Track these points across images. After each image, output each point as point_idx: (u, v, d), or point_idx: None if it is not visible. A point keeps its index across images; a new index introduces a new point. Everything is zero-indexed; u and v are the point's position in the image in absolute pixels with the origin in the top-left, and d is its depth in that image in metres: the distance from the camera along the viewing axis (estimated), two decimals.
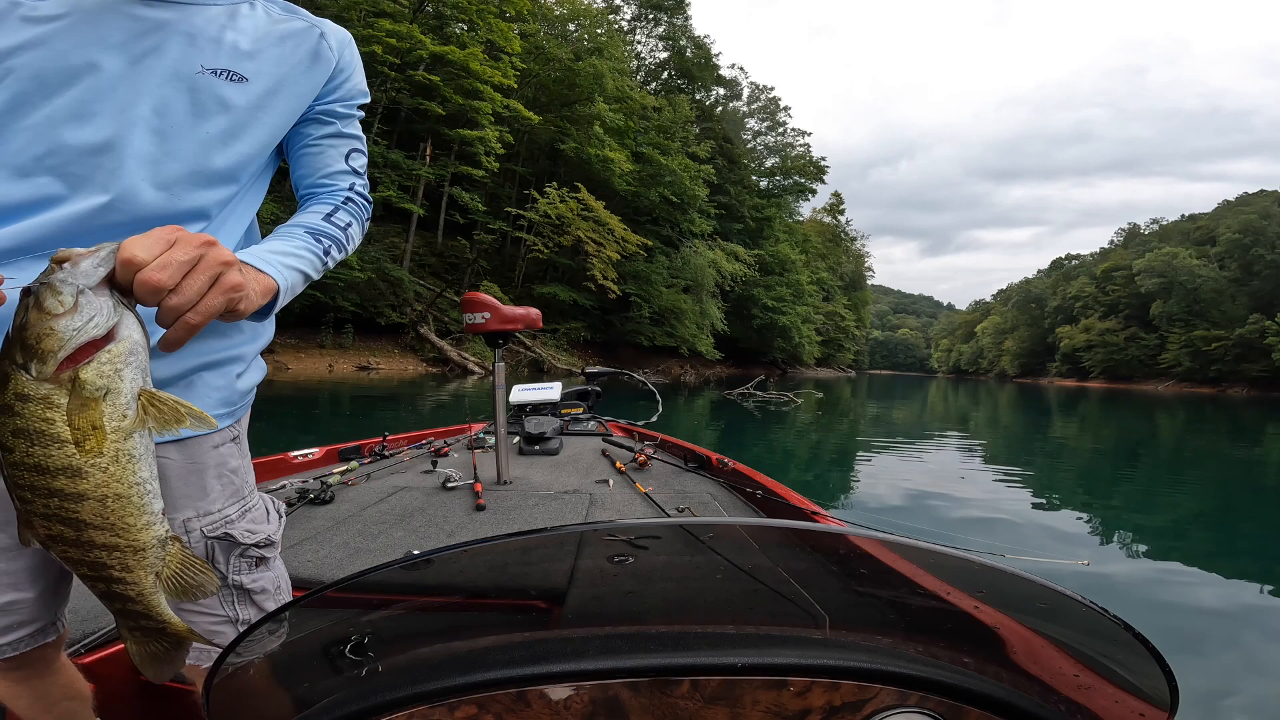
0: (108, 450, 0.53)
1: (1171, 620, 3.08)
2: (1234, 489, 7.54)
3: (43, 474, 0.52)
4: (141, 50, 0.78)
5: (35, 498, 0.53)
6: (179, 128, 0.79)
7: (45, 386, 0.50)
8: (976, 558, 0.61)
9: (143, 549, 0.57)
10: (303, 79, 0.90)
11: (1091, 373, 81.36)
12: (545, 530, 0.73)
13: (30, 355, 0.50)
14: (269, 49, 0.88)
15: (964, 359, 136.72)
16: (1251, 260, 65.95)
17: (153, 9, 0.80)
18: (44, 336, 0.50)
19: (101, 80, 0.75)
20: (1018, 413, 21.28)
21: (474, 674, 0.55)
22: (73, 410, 0.51)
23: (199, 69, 0.81)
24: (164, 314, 0.55)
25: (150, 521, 0.57)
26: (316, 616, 0.72)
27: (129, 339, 0.54)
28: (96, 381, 0.52)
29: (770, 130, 57.44)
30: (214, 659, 0.59)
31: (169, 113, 0.79)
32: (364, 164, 0.99)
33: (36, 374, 0.50)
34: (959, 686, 0.54)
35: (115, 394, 0.53)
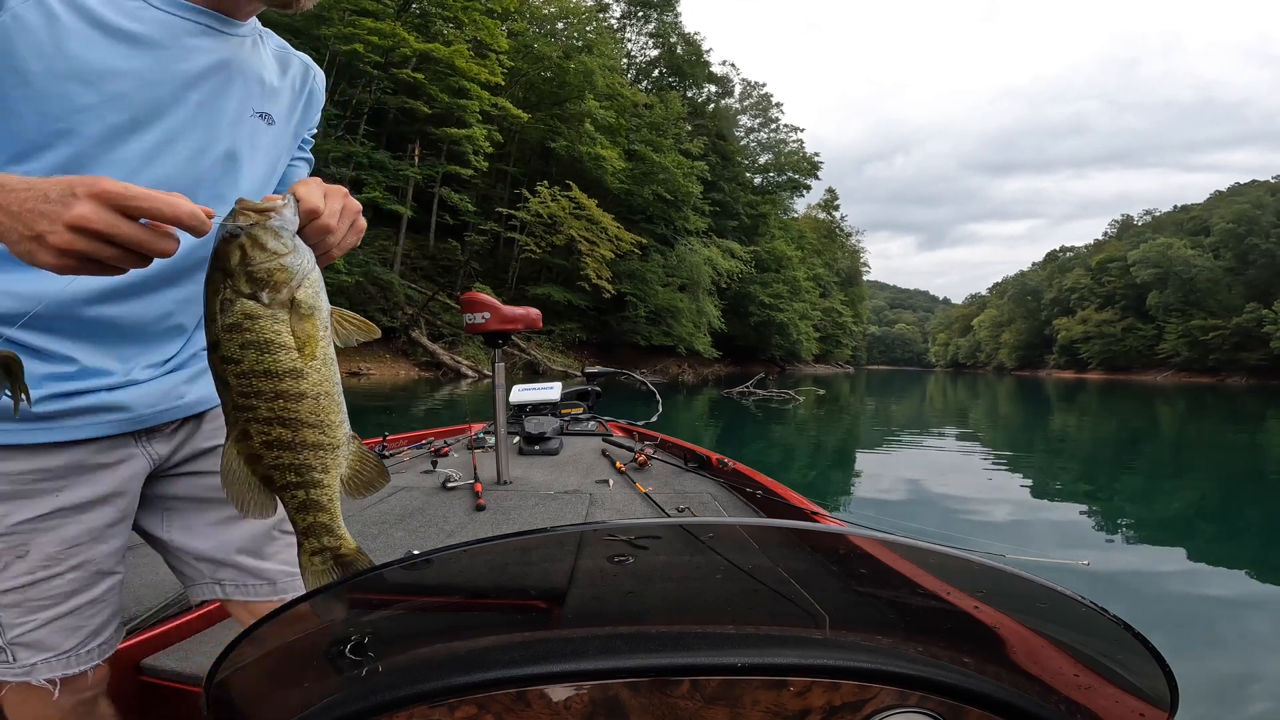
0: (319, 354, 0.66)
1: (1172, 619, 3.08)
2: (1236, 479, 7.55)
3: (271, 378, 0.63)
4: (212, 89, 0.86)
5: (260, 402, 0.63)
6: (233, 172, 0.89)
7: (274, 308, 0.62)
8: (977, 558, 0.62)
9: (339, 446, 0.68)
10: (302, 118, 1.01)
11: (1090, 364, 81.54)
12: (545, 530, 0.73)
13: (262, 286, 0.61)
14: (284, 90, 0.96)
15: (962, 353, 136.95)
16: (1247, 249, 66.14)
17: (215, 40, 0.86)
18: (276, 271, 0.62)
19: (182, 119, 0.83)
20: (1017, 406, 21.32)
21: (474, 674, 0.55)
22: (294, 324, 0.64)
23: (251, 112, 0.90)
24: (322, 250, 0.69)
25: (343, 420, 0.69)
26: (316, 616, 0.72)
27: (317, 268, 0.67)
28: (308, 301, 0.65)
29: (763, 127, 57.43)
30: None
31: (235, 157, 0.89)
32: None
33: (269, 300, 0.62)
34: (959, 686, 0.54)
35: (319, 310, 0.66)
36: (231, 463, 0.65)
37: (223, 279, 0.61)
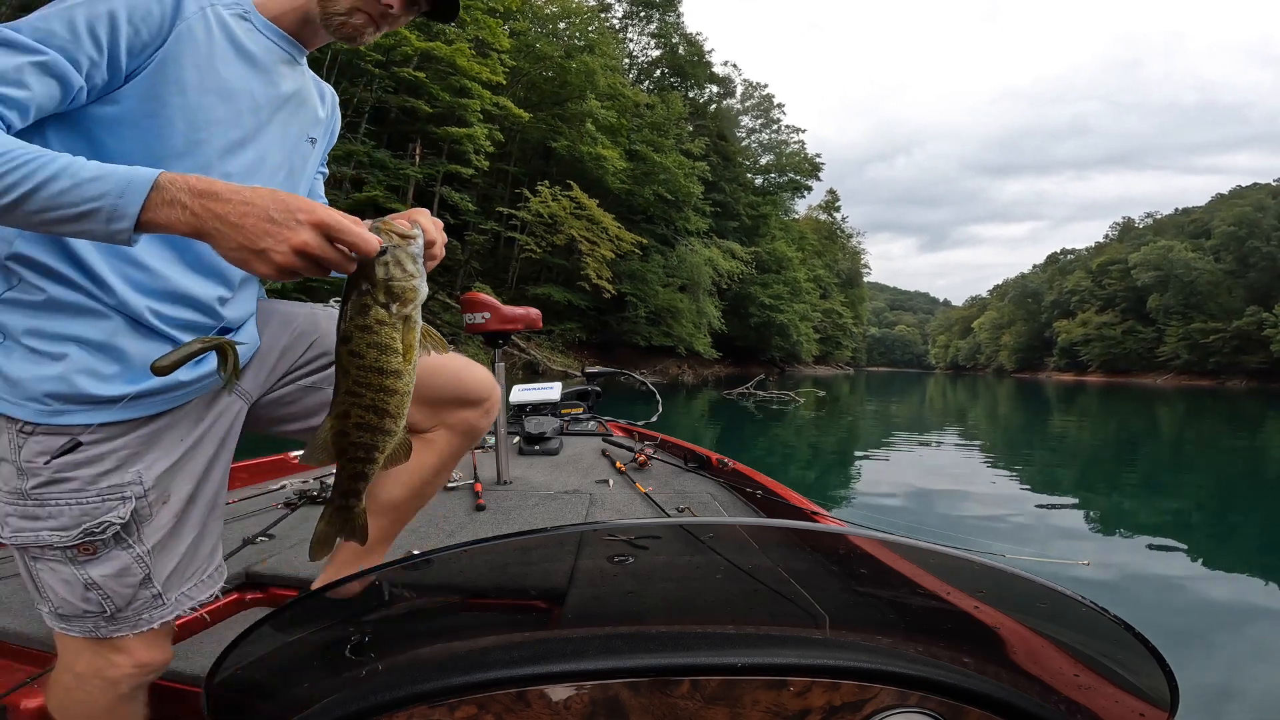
0: (411, 360, 0.78)
1: (1172, 618, 3.08)
2: (1236, 482, 7.54)
3: (381, 374, 0.76)
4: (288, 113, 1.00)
5: (368, 391, 0.76)
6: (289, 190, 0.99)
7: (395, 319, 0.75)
8: (976, 558, 0.62)
9: (396, 433, 0.81)
10: (329, 140, 1.16)
11: (1090, 366, 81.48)
12: (545, 530, 0.73)
13: (394, 299, 0.74)
14: (324, 117, 1.10)
15: (962, 354, 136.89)
16: (1247, 252, 66.09)
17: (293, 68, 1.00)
18: (407, 290, 0.75)
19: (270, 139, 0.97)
20: (1016, 408, 21.31)
21: (474, 674, 0.55)
22: (403, 333, 0.76)
23: (305, 136, 1.05)
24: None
25: (406, 414, 0.82)
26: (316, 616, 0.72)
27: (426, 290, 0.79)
28: (414, 316, 0.77)
29: (764, 127, 57.42)
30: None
31: (292, 176, 1.04)
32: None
33: (395, 312, 0.75)
34: (959, 686, 0.54)
35: (417, 324, 0.78)
36: (324, 432, 0.79)
37: (368, 287, 0.74)
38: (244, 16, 0.93)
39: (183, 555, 0.95)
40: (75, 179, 0.67)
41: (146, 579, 0.91)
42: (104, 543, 0.87)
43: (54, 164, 0.68)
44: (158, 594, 0.93)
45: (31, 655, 1.24)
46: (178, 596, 0.95)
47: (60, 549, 0.86)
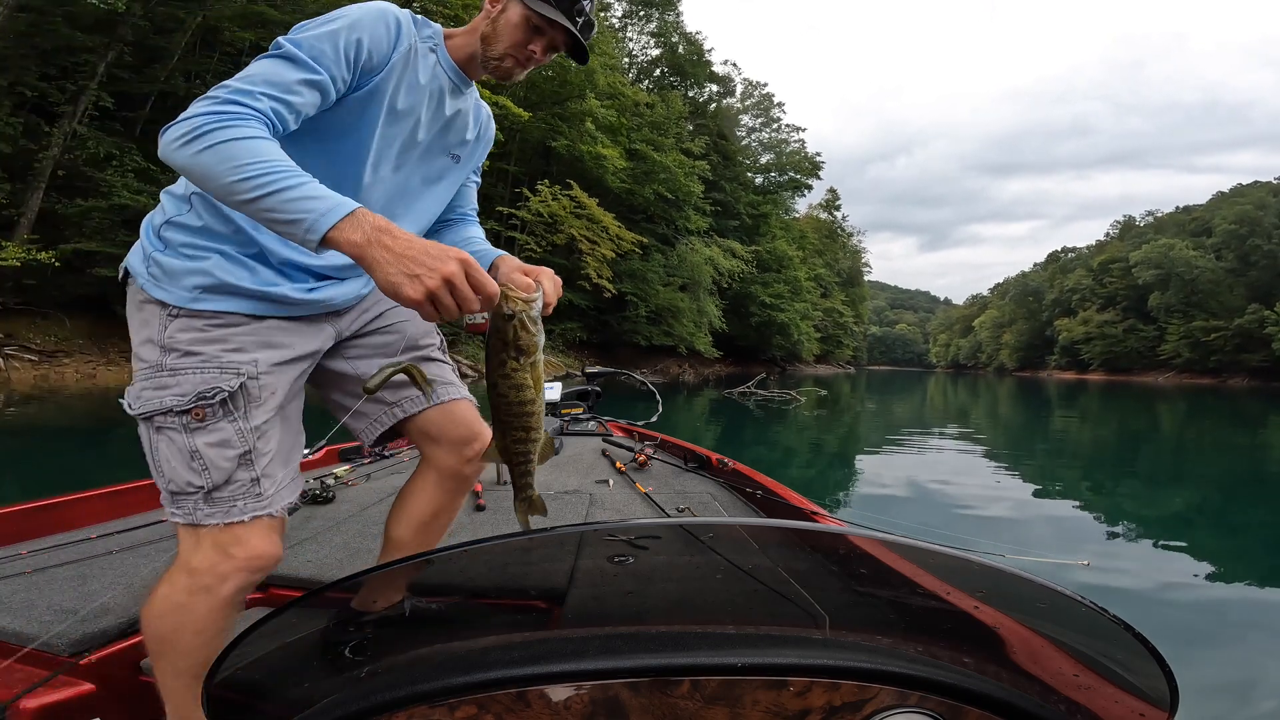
0: (540, 389, 1.00)
1: (1173, 619, 3.07)
2: (1237, 481, 7.53)
3: (521, 405, 0.98)
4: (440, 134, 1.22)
5: (514, 419, 0.99)
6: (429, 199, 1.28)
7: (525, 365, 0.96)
8: (976, 558, 0.61)
9: (540, 438, 1.04)
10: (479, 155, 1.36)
11: (1091, 365, 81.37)
12: (545, 531, 0.73)
13: (522, 353, 0.95)
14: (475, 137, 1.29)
15: (962, 353, 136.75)
16: (1248, 250, 66.00)
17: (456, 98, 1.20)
18: (531, 345, 0.96)
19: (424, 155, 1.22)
20: (1017, 406, 21.30)
21: (474, 674, 0.55)
22: (531, 374, 0.97)
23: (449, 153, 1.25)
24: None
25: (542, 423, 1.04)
26: (316, 616, 0.72)
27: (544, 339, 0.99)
28: (538, 357, 0.98)
29: (764, 126, 57.37)
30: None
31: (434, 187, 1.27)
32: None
33: (522, 362, 0.96)
34: (959, 686, 0.53)
35: (540, 364, 0.99)
36: (492, 449, 1.04)
37: (502, 346, 0.95)
38: (433, 50, 1.14)
39: (276, 452, 1.08)
40: (301, 194, 0.85)
41: (245, 458, 1.03)
42: (212, 410, 1.02)
43: (292, 177, 0.86)
44: (255, 479, 1.04)
45: (31, 655, 1.24)
46: (274, 492, 1.06)
47: (178, 414, 1.01)
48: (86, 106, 15.95)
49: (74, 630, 1.27)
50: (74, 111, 15.63)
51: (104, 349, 15.59)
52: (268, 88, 0.94)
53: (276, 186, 0.85)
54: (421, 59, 1.11)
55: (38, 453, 6.53)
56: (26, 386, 12.34)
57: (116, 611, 1.36)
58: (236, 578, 1.03)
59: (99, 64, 15.86)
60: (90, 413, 9.70)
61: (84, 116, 16.04)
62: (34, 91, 15.16)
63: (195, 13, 17.61)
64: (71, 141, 15.67)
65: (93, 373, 14.52)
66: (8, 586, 1.47)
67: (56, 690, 1.14)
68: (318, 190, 0.87)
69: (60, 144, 15.31)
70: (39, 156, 15.09)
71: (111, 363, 15.20)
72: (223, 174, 0.86)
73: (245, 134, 0.88)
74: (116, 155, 16.09)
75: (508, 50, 1.15)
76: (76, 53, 15.65)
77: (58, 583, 1.50)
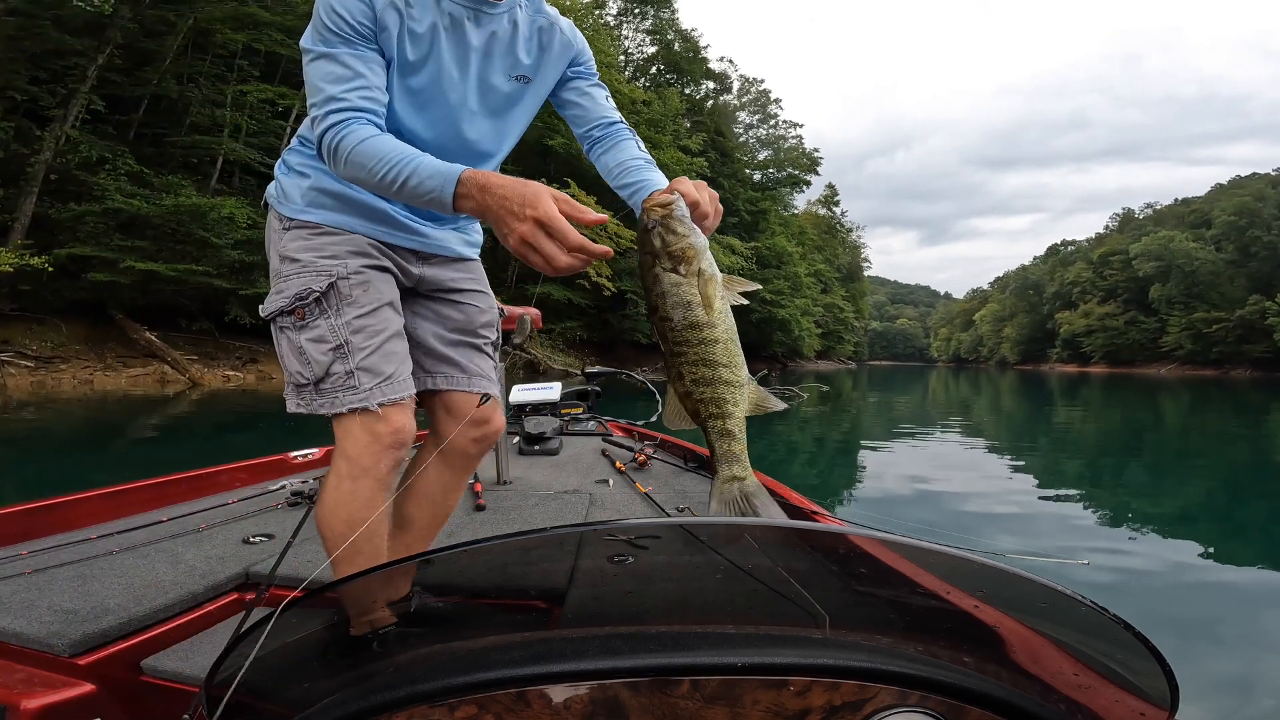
0: (720, 308, 0.85)
1: (1174, 617, 3.06)
2: (1240, 473, 7.51)
3: (694, 328, 0.84)
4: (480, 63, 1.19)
5: (689, 348, 0.84)
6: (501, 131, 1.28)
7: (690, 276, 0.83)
8: (976, 557, 0.61)
9: (742, 384, 0.86)
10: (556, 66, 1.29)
11: (1092, 357, 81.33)
12: (545, 530, 0.73)
13: (678, 261, 0.83)
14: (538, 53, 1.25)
15: (964, 347, 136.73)
16: (1248, 242, 65.90)
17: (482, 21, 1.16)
18: (686, 249, 0.84)
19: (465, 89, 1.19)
20: (1019, 400, 21.28)
21: (474, 674, 0.55)
22: (700, 287, 0.84)
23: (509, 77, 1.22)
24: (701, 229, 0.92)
25: (743, 361, 0.87)
26: (316, 616, 0.72)
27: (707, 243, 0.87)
28: (707, 270, 0.84)
29: (762, 123, 57.35)
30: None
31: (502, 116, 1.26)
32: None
33: (685, 272, 0.83)
34: (959, 686, 0.53)
35: (715, 274, 0.85)
36: (672, 400, 0.87)
37: (652, 260, 0.84)
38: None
39: (374, 349, 1.15)
40: (420, 176, 0.94)
41: (339, 351, 1.13)
42: (309, 309, 1.14)
43: (408, 164, 0.95)
44: (349, 371, 1.13)
45: (32, 655, 1.24)
46: (371, 386, 1.13)
47: (286, 314, 1.15)
48: (78, 110, 15.91)
49: (74, 630, 1.27)
50: (65, 115, 15.59)
51: (100, 354, 15.56)
52: (338, 85, 1.03)
53: (403, 177, 0.95)
54: (416, 3, 1.10)
55: (35, 459, 6.51)
56: (23, 393, 12.31)
57: (117, 612, 1.36)
58: (387, 457, 1.14)
59: (89, 67, 15.81)
60: (88, 419, 9.67)
61: (76, 120, 16.01)
62: (24, 95, 15.12)
63: (186, 15, 17.55)
64: (63, 145, 15.63)
65: (89, 378, 14.50)
66: (8, 587, 1.47)
67: (57, 690, 1.14)
68: (429, 168, 0.94)
69: (52, 148, 15.28)
70: (31, 161, 15.04)
71: (108, 368, 15.16)
72: (366, 179, 1.00)
73: (359, 138, 0.99)
74: (109, 159, 16.06)
75: None
76: (66, 56, 15.60)
77: (58, 583, 1.50)
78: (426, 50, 1.12)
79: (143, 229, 16.01)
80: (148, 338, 16.10)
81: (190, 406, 11.50)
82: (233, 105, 19.07)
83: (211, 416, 10.51)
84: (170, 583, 1.52)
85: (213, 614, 1.52)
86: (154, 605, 1.41)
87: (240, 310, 17.82)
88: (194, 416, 10.36)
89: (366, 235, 1.22)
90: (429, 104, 1.16)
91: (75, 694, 1.15)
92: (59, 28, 14.92)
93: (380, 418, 1.13)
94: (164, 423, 9.41)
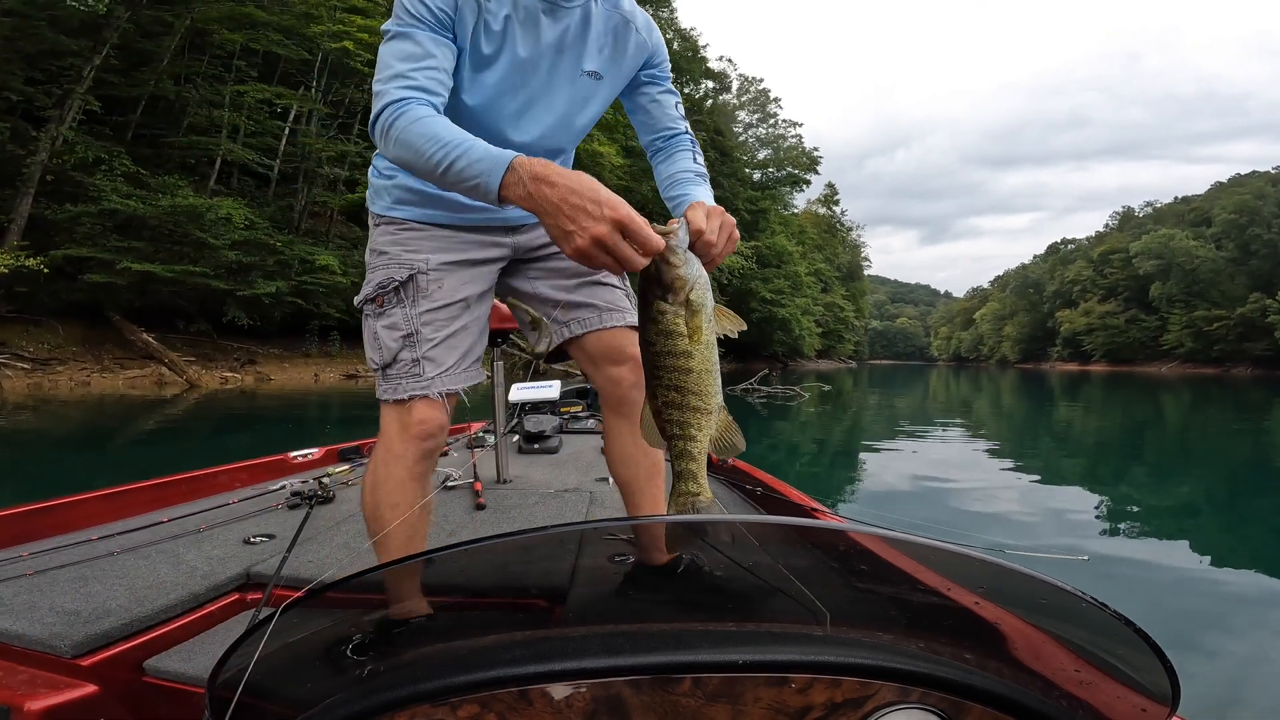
0: (704, 341, 0.85)
1: (1175, 612, 3.06)
2: (1241, 471, 7.50)
3: (673, 356, 0.85)
4: (551, 60, 1.19)
5: (664, 373, 0.85)
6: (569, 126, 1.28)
7: (676, 306, 0.84)
8: (977, 554, 0.61)
9: (711, 413, 0.87)
10: (632, 64, 1.29)
11: (1093, 356, 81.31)
12: (546, 529, 0.73)
13: (668, 290, 0.84)
14: (610, 47, 1.24)
15: (964, 346, 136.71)
16: (1249, 240, 65.87)
17: (554, 17, 1.16)
18: (675, 280, 0.84)
19: (539, 85, 1.20)
20: (1020, 399, 21.28)
21: (476, 673, 0.55)
22: (687, 317, 0.84)
23: (581, 73, 1.22)
24: (706, 260, 0.92)
25: (717, 392, 0.87)
26: (317, 616, 0.72)
27: (705, 276, 0.87)
28: (696, 301, 0.84)
29: (761, 122, 57.34)
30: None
31: (571, 113, 1.26)
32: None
33: (672, 301, 0.84)
34: (960, 683, 0.53)
35: (705, 306, 0.85)
36: (645, 412, 0.89)
37: (645, 285, 0.85)
38: None
39: (442, 341, 1.21)
40: (469, 160, 0.92)
41: (409, 339, 1.20)
42: (388, 298, 1.21)
43: (458, 147, 0.93)
44: (416, 359, 1.20)
45: (33, 657, 1.24)
46: (434, 375, 1.20)
47: (369, 301, 1.23)
48: (74, 111, 15.89)
49: (76, 631, 1.27)
50: (61, 116, 15.57)
51: (98, 356, 15.54)
52: (408, 63, 1.04)
53: (451, 159, 0.94)
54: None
55: (32, 462, 6.49)
56: (19, 395, 12.27)
57: (118, 613, 1.36)
58: (416, 447, 1.19)
59: (85, 68, 15.78)
60: (85, 421, 9.62)
61: (73, 121, 15.98)
62: (20, 96, 15.09)
63: (183, 16, 17.53)
64: (60, 146, 15.61)
65: (86, 380, 14.48)
66: (9, 588, 1.47)
67: (60, 692, 1.14)
68: (480, 152, 0.93)
69: (48, 148, 15.26)
70: (27, 162, 15.00)
71: (105, 370, 15.13)
72: (414, 159, 0.99)
73: (415, 117, 0.99)
74: (105, 159, 16.03)
75: None
76: (62, 56, 15.58)
77: (59, 584, 1.50)
78: (499, 44, 1.13)
79: (139, 230, 16.01)
80: (145, 339, 16.09)
81: (187, 408, 11.49)
82: (231, 105, 19.08)
83: (209, 418, 10.49)
84: (171, 583, 1.52)
85: (214, 614, 1.52)
86: (155, 606, 1.41)
87: (238, 311, 17.82)
88: (191, 418, 10.35)
89: (449, 225, 1.28)
90: (500, 97, 1.17)
91: (78, 695, 1.15)
92: (54, 28, 14.89)
93: (409, 409, 1.20)
94: (161, 424, 9.41)
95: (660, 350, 0.85)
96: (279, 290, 18.13)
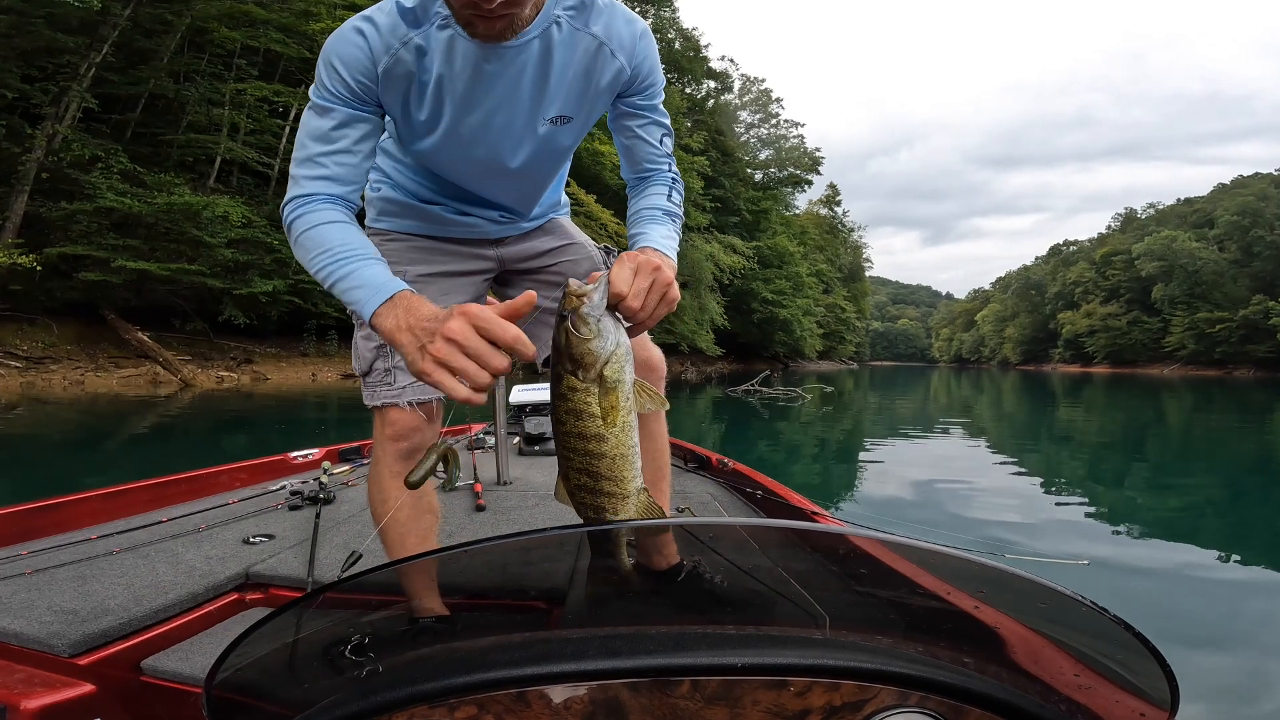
0: (619, 422, 0.76)
1: (1174, 617, 3.05)
2: (1243, 474, 7.49)
3: (583, 439, 0.76)
4: (505, 110, 1.08)
5: (574, 456, 0.77)
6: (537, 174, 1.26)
7: (587, 382, 0.74)
8: (976, 558, 0.61)
9: (627, 496, 0.78)
10: (607, 99, 1.15)
11: (1095, 358, 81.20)
12: (545, 531, 0.73)
13: (576, 365, 0.75)
14: (577, 83, 1.08)
15: (965, 348, 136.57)
16: (1251, 241, 65.78)
17: (501, 61, 1.01)
18: (585, 354, 0.74)
19: (491, 139, 1.12)
20: (1021, 401, 21.25)
21: (474, 674, 0.55)
22: (600, 396, 0.75)
23: (544, 120, 1.10)
24: (634, 325, 0.83)
25: (635, 475, 0.79)
26: (317, 617, 0.72)
27: (625, 345, 0.77)
28: (613, 376, 0.75)
29: (763, 122, 57.34)
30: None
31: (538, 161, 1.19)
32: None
33: (581, 377, 0.75)
34: (959, 686, 0.53)
35: (622, 384, 0.76)
36: (560, 488, 0.82)
37: (557, 357, 0.77)
38: (442, 27, 0.98)
39: None
40: (350, 284, 0.92)
41: (382, 349, 1.23)
42: None
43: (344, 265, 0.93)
44: (389, 369, 1.23)
45: (32, 656, 1.24)
46: (407, 384, 1.22)
47: (351, 312, 1.13)
48: (72, 109, 15.86)
49: (74, 631, 1.27)
50: (58, 113, 15.54)
51: (92, 355, 15.50)
52: (321, 145, 1.00)
53: (335, 278, 0.94)
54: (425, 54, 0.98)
55: (26, 461, 6.45)
56: (12, 394, 12.21)
57: (117, 612, 1.36)
58: (390, 447, 1.23)
59: (82, 65, 15.75)
60: (79, 421, 9.58)
61: (70, 119, 15.96)
62: (16, 93, 15.06)
63: (182, 14, 17.49)
64: (56, 144, 15.59)
65: (80, 379, 14.43)
66: (7, 587, 1.47)
67: (57, 691, 1.14)
68: (363, 278, 0.92)
69: (44, 146, 15.22)
70: (23, 159, 14.96)
71: (100, 369, 15.08)
72: (306, 265, 0.98)
73: (311, 223, 0.98)
74: (102, 157, 15.99)
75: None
76: (59, 54, 15.55)
77: (58, 583, 1.50)
78: (435, 109, 1.04)
79: (135, 228, 15.99)
80: (140, 338, 16.05)
81: (182, 408, 11.46)
82: (230, 104, 19.07)
83: (204, 418, 10.46)
84: (170, 583, 1.52)
85: (213, 614, 1.52)
86: (154, 605, 1.41)
87: (235, 310, 17.78)
88: (186, 418, 10.33)
89: (430, 237, 1.30)
90: (450, 162, 1.14)
91: (75, 694, 1.15)
92: (52, 25, 14.86)
93: (384, 414, 1.24)
94: (155, 424, 9.39)
95: (569, 431, 0.76)
96: (276, 289, 18.09)
